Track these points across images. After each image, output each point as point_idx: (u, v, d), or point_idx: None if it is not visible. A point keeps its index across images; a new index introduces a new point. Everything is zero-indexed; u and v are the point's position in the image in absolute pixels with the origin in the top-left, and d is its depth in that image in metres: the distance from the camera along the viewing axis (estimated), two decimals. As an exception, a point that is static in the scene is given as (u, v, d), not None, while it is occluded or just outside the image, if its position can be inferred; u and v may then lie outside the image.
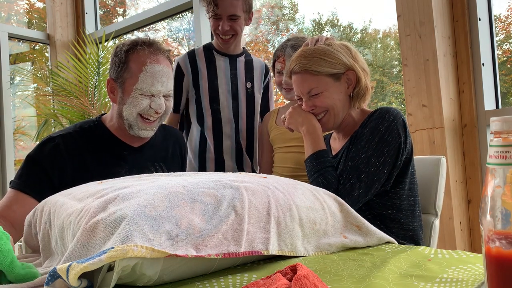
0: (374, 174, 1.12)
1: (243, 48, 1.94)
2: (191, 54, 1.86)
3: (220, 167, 1.82)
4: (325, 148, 1.23)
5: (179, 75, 1.84)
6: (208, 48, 1.88)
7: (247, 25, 1.84)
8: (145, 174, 1.09)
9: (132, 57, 1.22)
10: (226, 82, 1.84)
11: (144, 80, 1.20)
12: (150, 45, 1.24)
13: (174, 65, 1.83)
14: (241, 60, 1.89)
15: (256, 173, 1.91)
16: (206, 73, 1.82)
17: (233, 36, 1.79)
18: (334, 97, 1.23)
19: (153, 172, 1.33)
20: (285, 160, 1.70)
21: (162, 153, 1.39)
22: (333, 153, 1.34)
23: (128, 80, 1.22)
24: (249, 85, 1.88)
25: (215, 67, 1.84)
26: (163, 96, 1.25)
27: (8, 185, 3.70)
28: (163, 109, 1.24)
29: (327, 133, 1.47)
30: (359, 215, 0.93)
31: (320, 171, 1.18)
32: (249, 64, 1.91)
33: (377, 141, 1.13)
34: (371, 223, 1.12)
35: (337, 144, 1.36)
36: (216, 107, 1.82)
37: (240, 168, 1.85)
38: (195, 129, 1.83)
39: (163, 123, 1.39)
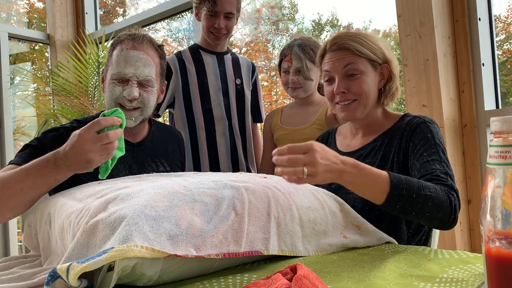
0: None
1: (227, 47, 1.95)
2: (179, 55, 1.85)
3: (214, 166, 1.81)
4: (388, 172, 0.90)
5: (166, 73, 1.83)
6: (194, 49, 1.88)
7: (235, 25, 1.86)
8: (145, 174, 1.09)
9: (116, 47, 1.25)
10: (215, 79, 1.83)
11: (117, 64, 1.21)
12: (131, 35, 1.25)
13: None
14: (228, 58, 1.90)
15: (251, 172, 1.91)
16: (195, 72, 1.82)
17: (224, 34, 1.80)
18: (370, 86, 1.13)
19: (153, 168, 1.33)
20: None
21: (162, 150, 1.39)
22: (344, 150, 1.24)
23: (109, 69, 1.25)
24: (238, 81, 1.89)
25: (203, 65, 1.84)
26: (138, 83, 1.22)
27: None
28: (133, 96, 1.20)
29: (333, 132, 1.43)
30: (358, 215, 0.93)
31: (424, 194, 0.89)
32: (236, 61, 1.93)
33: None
34: (398, 223, 1.07)
35: (350, 140, 1.25)
36: (207, 106, 1.81)
37: (235, 166, 1.85)
38: (183, 133, 1.82)
39: (162, 122, 1.38)
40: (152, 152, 1.35)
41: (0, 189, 0.93)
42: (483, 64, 1.92)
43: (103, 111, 1.38)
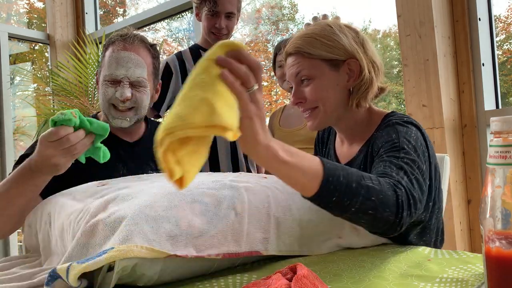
0: None
1: None
2: (179, 56, 1.85)
3: (214, 166, 1.81)
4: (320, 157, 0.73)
5: (166, 74, 1.81)
6: (194, 49, 1.88)
7: (235, 25, 1.86)
8: (145, 175, 1.09)
9: (108, 48, 1.25)
10: None
11: (109, 65, 1.21)
12: (122, 36, 1.25)
13: (162, 64, 1.81)
14: None
15: (251, 172, 1.91)
16: None
17: (225, 34, 1.81)
18: (328, 89, 1.00)
19: (152, 167, 1.33)
20: None
21: None
22: (343, 161, 1.10)
23: (102, 70, 1.25)
24: None
25: None
26: (130, 84, 1.21)
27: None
28: (125, 97, 1.20)
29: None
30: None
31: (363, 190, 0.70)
32: None
33: None
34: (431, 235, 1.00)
35: (341, 149, 1.14)
36: None
37: (235, 166, 1.85)
38: None
39: (160, 122, 1.39)
40: (150, 151, 1.35)
41: None
42: (483, 64, 1.92)
43: (99, 112, 1.38)
